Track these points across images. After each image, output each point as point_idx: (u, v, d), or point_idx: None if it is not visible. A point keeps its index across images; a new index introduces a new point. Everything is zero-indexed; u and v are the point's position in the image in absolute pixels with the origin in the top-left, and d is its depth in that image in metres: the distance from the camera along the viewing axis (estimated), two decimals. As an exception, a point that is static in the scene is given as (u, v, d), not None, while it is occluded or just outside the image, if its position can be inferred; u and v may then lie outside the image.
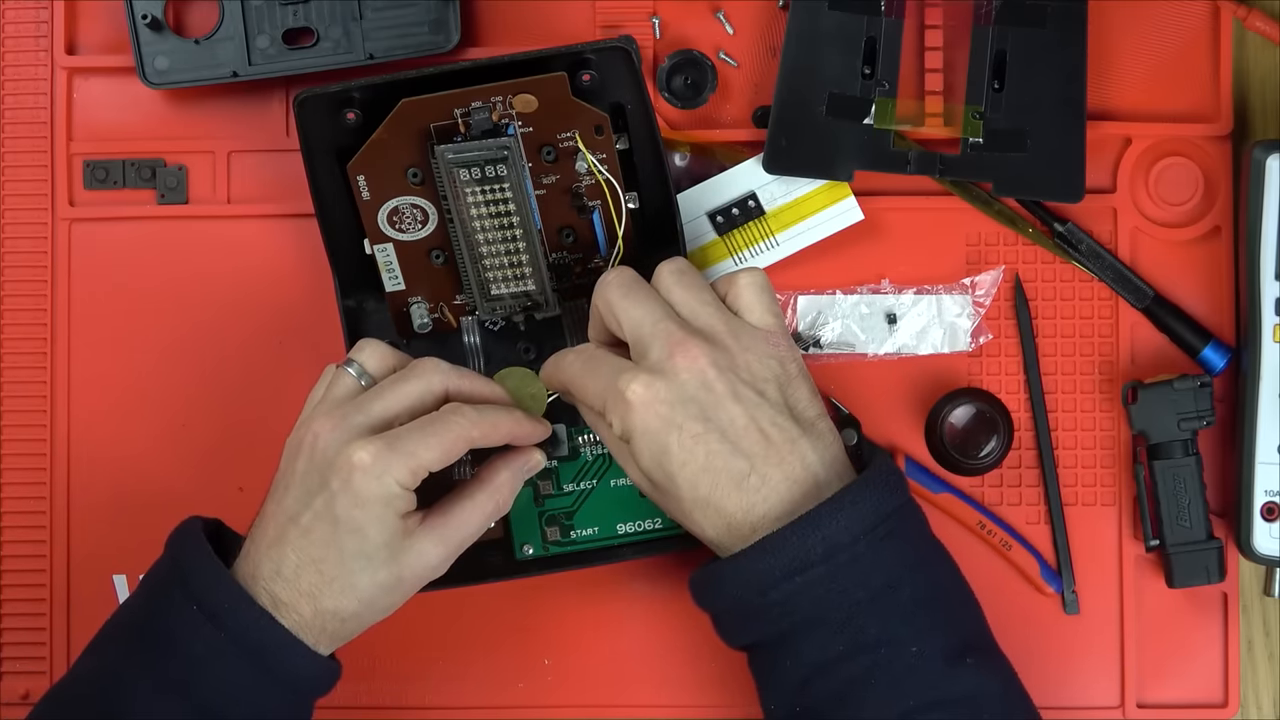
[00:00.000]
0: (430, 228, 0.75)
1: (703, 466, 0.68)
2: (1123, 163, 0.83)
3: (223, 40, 0.82)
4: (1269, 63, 0.85)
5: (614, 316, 0.71)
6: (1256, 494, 0.80)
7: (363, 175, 0.74)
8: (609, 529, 0.78)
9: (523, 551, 0.78)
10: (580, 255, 0.77)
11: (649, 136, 0.76)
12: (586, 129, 0.74)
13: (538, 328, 0.78)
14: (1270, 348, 0.80)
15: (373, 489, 0.67)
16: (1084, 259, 0.83)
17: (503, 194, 0.74)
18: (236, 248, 0.84)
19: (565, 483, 0.78)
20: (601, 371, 0.70)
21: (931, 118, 0.81)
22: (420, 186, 0.74)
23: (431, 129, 0.73)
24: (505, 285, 0.76)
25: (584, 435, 0.78)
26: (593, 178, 0.74)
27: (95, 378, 0.83)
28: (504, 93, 0.73)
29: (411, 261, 0.76)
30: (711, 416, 0.68)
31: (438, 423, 0.69)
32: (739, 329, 0.70)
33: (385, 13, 0.82)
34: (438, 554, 0.69)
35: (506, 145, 0.73)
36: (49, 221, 0.84)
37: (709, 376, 0.68)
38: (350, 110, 0.74)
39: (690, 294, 0.71)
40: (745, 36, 0.84)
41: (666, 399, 0.68)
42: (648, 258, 0.75)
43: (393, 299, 0.77)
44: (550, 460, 0.77)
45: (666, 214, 0.77)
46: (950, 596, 0.70)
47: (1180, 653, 0.83)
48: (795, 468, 0.68)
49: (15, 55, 0.84)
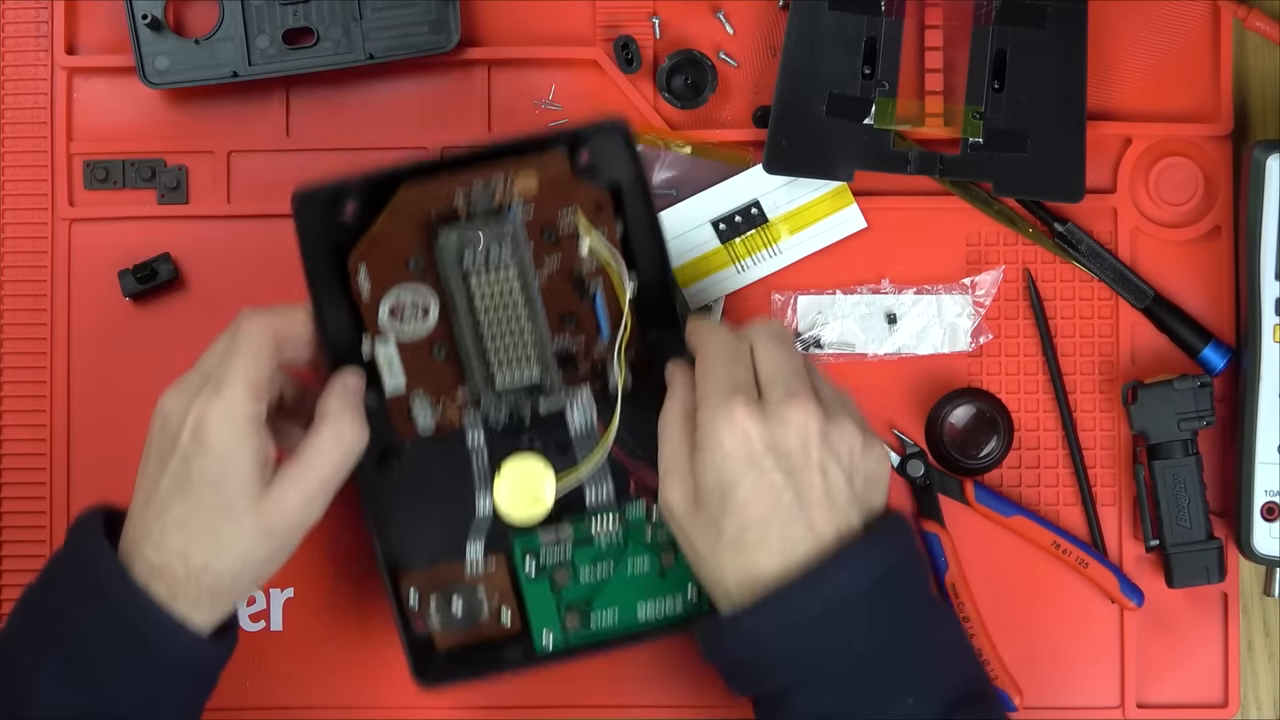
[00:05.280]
0: (431, 321, 0.73)
1: (762, 516, 0.68)
2: (1123, 163, 0.83)
3: (223, 40, 0.82)
4: (1269, 63, 0.85)
5: (757, 353, 0.71)
6: (1256, 494, 0.80)
7: (363, 266, 0.72)
8: (629, 612, 0.76)
9: (542, 642, 0.76)
10: (583, 339, 0.75)
11: (647, 216, 0.74)
12: (588, 206, 0.73)
13: (541, 420, 0.76)
14: (1270, 348, 0.80)
15: (217, 437, 0.68)
16: (1084, 259, 0.83)
17: (507, 279, 0.72)
18: (236, 248, 0.84)
19: (581, 565, 0.76)
20: (733, 370, 0.70)
21: (931, 118, 0.81)
22: (421, 277, 0.73)
23: (433, 215, 0.72)
24: (510, 373, 0.74)
25: (599, 516, 0.76)
26: (593, 260, 0.73)
27: (95, 378, 0.83)
28: (505, 171, 0.71)
29: (412, 357, 0.74)
30: (794, 474, 0.68)
31: (234, 340, 0.70)
32: (845, 412, 0.70)
33: (385, 13, 0.82)
34: (297, 497, 0.69)
35: (509, 228, 0.72)
36: (49, 221, 0.84)
37: (810, 438, 0.68)
38: (349, 201, 0.72)
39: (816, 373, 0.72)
40: (745, 36, 0.84)
41: (762, 437, 0.68)
42: (647, 338, 0.75)
43: (394, 404, 0.74)
44: (540, 534, 0.76)
45: (665, 295, 0.75)
46: (947, 652, 0.70)
47: (1180, 653, 0.83)
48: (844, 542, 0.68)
49: (15, 55, 0.84)
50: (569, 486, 0.75)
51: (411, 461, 0.76)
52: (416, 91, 0.84)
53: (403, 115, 0.84)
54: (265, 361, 0.70)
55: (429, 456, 0.76)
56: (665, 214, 0.82)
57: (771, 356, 0.71)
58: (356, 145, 0.84)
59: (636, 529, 0.76)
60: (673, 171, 0.83)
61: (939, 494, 0.83)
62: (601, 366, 0.75)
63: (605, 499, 0.76)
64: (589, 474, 0.75)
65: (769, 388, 0.70)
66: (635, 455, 0.76)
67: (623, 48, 0.83)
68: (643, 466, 0.76)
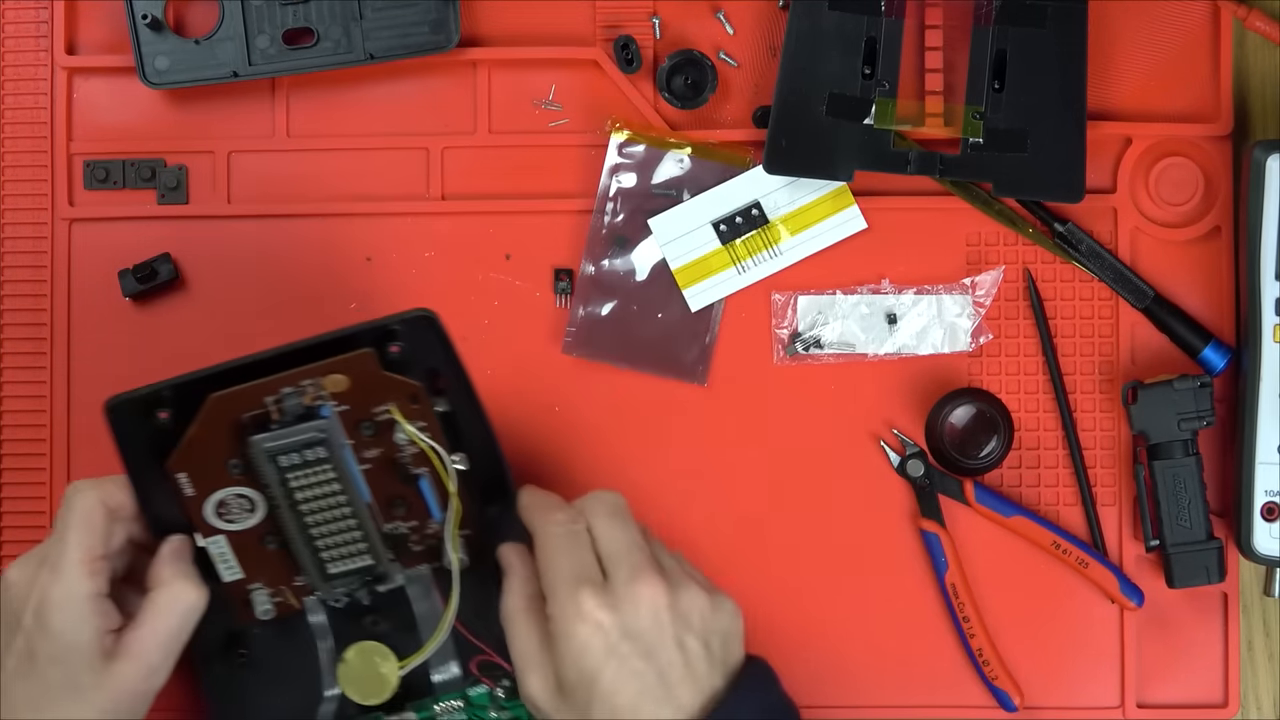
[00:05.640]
0: (259, 515, 0.73)
1: (630, 703, 0.68)
2: (1123, 163, 0.83)
3: (223, 40, 0.82)
4: (1269, 63, 0.85)
5: (595, 532, 0.71)
6: (1256, 494, 0.80)
7: (183, 473, 0.72)
8: None
9: None
10: (415, 522, 0.75)
11: (466, 397, 0.74)
12: (402, 400, 0.72)
13: (382, 599, 0.76)
14: (1270, 348, 0.80)
15: (57, 619, 0.69)
16: (1084, 259, 0.83)
17: (326, 475, 0.72)
18: (236, 248, 0.84)
19: None
20: (574, 556, 0.70)
21: (931, 118, 0.81)
22: (243, 476, 0.72)
23: (245, 419, 0.71)
24: (342, 563, 0.74)
25: (441, 704, 0.77)
26: (415, 446, 0.73)
27: (95, 378, 0.83)
28: (313, 375, 0.71)
29: (245, 549, 0.74)
30: (653, 655, 0.69)
31: (67, 517, 0.70)
32: (690, 579, 0.71)
33: (385, 13, 0.82)
34: (140, 668, 0.70)
35: (322, 428, 0.71)
36: (49, 221, 0.84)
37: (662, 613, 0.69)
38: (163, 410, 0.71)
39: (652, 539, 0.73)
40: (745, 36, 0.84)
41: (616, 625, 0.68)
42: (483, 513, 0.75)
43: (232, 589, 0.74)
44: None
45: (496, 468, 0.75)
46: None
47: (1180, 653, 0.83)
48: (709, 710, 0.69)
49: (15, 55, 0.84)
50: (413, 665, 0.76)
51: (257, 645, 0.77)
52: (416, 91, 0.84)
53: (403, 115, 0.84)
54: (99, 537, 0.70)
55: (273, 641, 0.77)
56: (666, 215, 0.83)
57: (610, 534, 0.71)
58: (357, 145, 0.84)
59: (480, 710, 0.77)
60: (673, 172, 0.83)
61: (939, 494, 0.83)
62: (439, 545, 0.75)
63: (450, 678, 0.77)
64: (432, 654, 0.76)
65: (612, 567, 0.70)
66: (478, 633, 0.76)
67: (623, 48, 0.83)
68: (488, 644, 0.76)
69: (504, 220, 0.84)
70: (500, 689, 0.77)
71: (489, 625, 0.75)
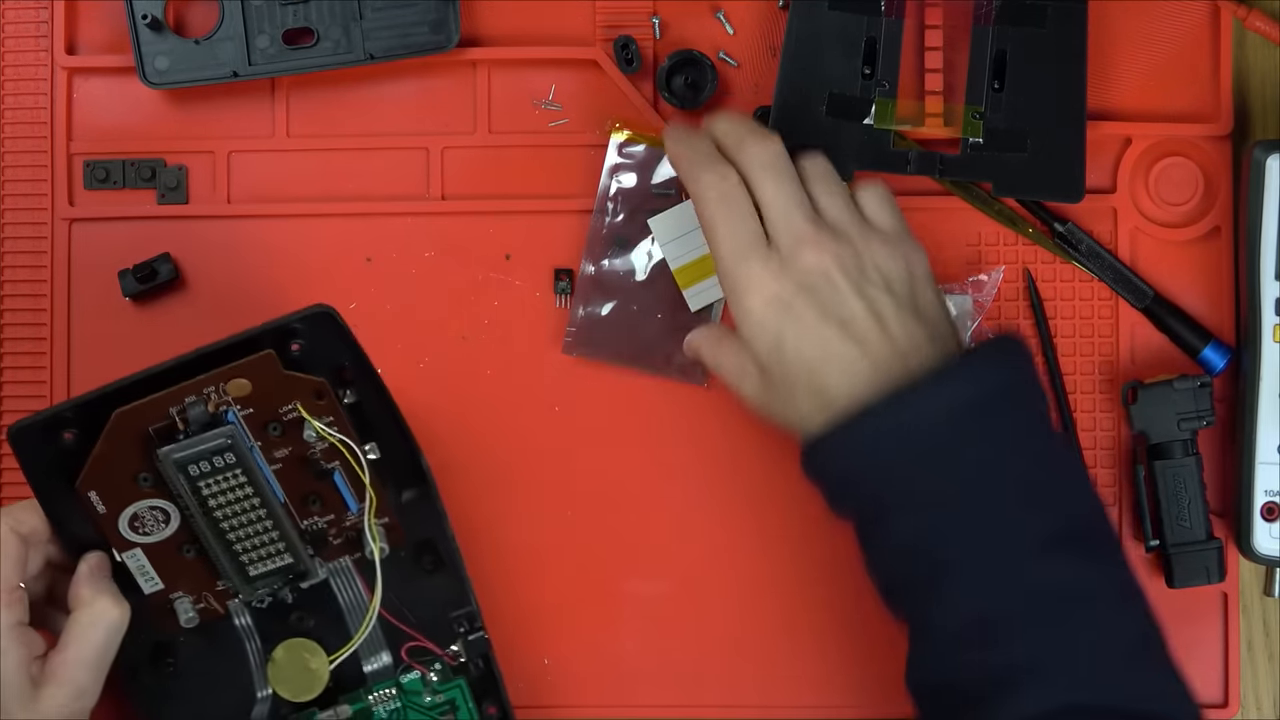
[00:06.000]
0: (174, 525, 0.73)
1: (818, 355, 0.69)
2: (1123, 163, 0.83)
3: (223, 40, 0.82)
4: (1269, 63, 0.85)
5: (755, 189, 0.72)
6: (1256, 494, 0.80)
7: (93, 491, 0.71)
8: None
9: None
10: (333, 516, 0.75)
11: (373, 386, 0.74)
12: (307, 397, 0.72)
13: (307, 595, 0.76)
14: (1270, 348, 0.80)
15: None
16: (1084, 259, 0.83)
17: (237, 479, 0.72)
18: (236, 248, 0.84)
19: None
20: (733, 223, 0.71)
21: (931, 118, 0.81)
22: (154, 488, 0.72)
23: (151, 432, 0.70)
24: (262, 565, 0.74)
25: (375, 693, 0.77)
26: (325, 442, 0.73)
27: (95, 378, 0.83)
28: (215, 382, 0.70)
29: (163, 560, 0.73)
30: (831, 309, 0.69)
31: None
32: (868, 231, 0.72)
33: (385, 13, 0.82)
34: (69, 691, 0.69)
35: (229, 434, 0.71)
36: (49, 221, 0.84)
37: (833, 273, 0.70)
38: (67, 430, 0.70)
39: (826, 188, 0.73)
40: (745, 36, 0.84)
41: (788, 288, 0.69)
42: (399, 499, 0.76)
43: (154, 600, 0.74)
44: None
45: (408, 453, 0.75)
46: (1053, 484, 0.69)
47: (1180, 653, 0.83)
48: (909, 358, 0.69)
49: (15, 55, 0.84)
50: (343, 657, 0.76)
51: (184, 654, 0.77)
52: (416, 91, 0.84)
53: (403, 115, 0.84)
54: (14, 566, 0.70)
55: (201, 647, 0.77)
56: (665, 215, 0.82)
57: (769, 193, 0.72)
58: (357, 145, 0.84)
59: (414, 695, 0.77)
60: (673, 172, 0.83)
61: (939, 494, 0.83)
62: (359, 536, 0.75)
63: (381, 667, 0.77)
64: (360, 644, 0.76)
65: (775, 233, 0.71)
66: (405, 620, 0.76)
67: (623, 48, 0.83)
68: (415, 629, 0.76)
69: (504, 220, 0.84)
70: (433, 673, 0.77)
71: (417, 611, 0.76)
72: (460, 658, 0.77)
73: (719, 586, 0.83)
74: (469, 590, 0.77)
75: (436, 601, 0.77)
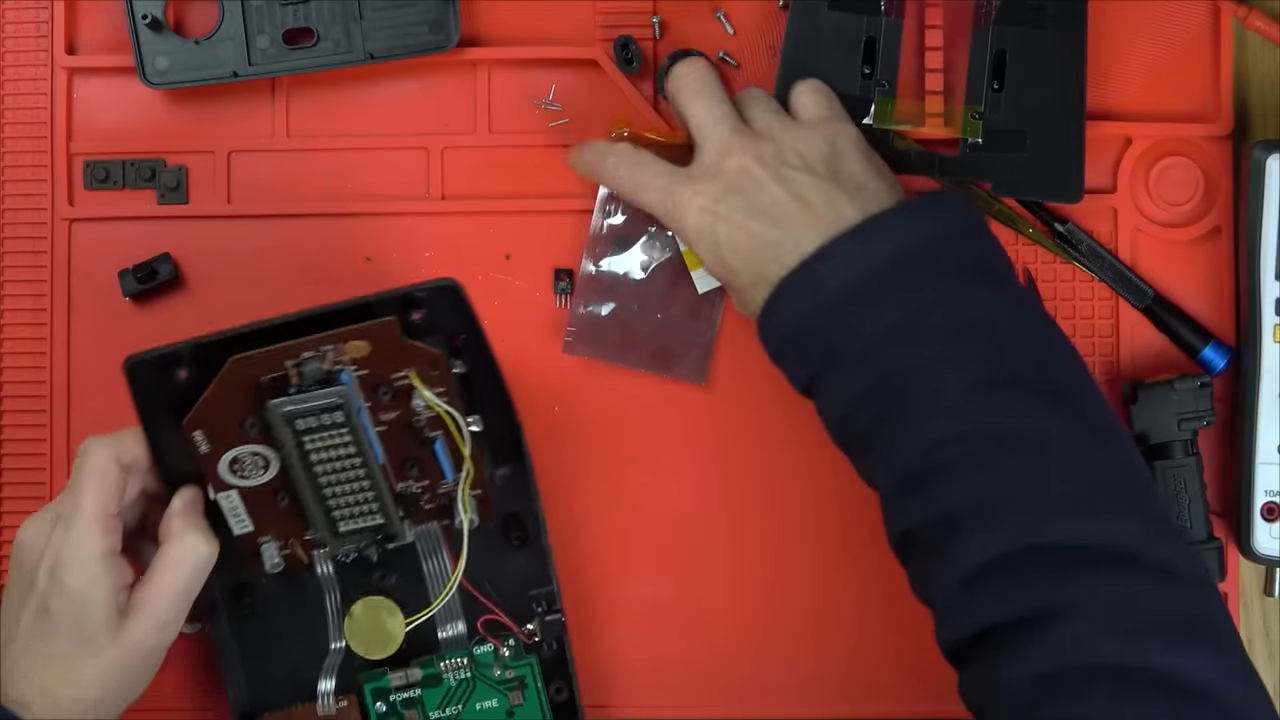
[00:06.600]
0: (272, 472, 0.73)
1: (751, 248, 0.71)
2: (1123, 163, 0.83)
3: (223, 40, 0.82)
4: (1269, 63, 0.85)
5: (679, 111, 0.77)
6: (1256, 494, 0.80)
7: (199, 431, 0.72)
8: None
9: None
10: (427, 482, 0.76)
11: (486, 363, 0.75)
12: (422, 367, 0.73)
13: (391, 555, 0.77)
14: (1270, 348, 0.80)
15: (71, 578, 0.69)
16: (1084, 259, 0.83)
17: (341, 438, 0.73)
18: (236, 248, 0.84)
19: (431, 710, 0.78)
20: (651, 182, 0.75)
21: (931, 118, 0.81)
22: (258, 436, 0.73)
23: (263, 382, 0.72)
24: (353, 522, 0.75)
25: (446, 660, 0.78)
26: (432, 411, 0.73)
27: (95, 378, 0.83)
28: (334, 341, 0.71)
29: (257, 505, 0.74)
30: (754, 201, 0.72)
31: (80, 473, 0.70)
32: (790, 124, 0.75)
33: (385, 13, 0.82)
34: (152, 624, 0.70)
35: (341, 394, 0.72)
36: (49, 221, 0.84)
37: (752, 169, 0.72)
38: (182, 368, 0.72)
39: (757, 104, 0.76)
40: (745, 36, 0.84)
41: (712, 196, 0.73)
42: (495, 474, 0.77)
43: (242, 541, 0.75)
44: None
45: (510, 430, 0.77)
46: (988, 333, 0.68)
47: (1180, 653, 0.83)
48: (831, 224, 0.70)
49: (15, 55, 0.84)
50: (420, 621, 0.77)
51: (264, 597, 0.78)
52: (416, 91, 0.84)
53: (403, 115, 0.84)
54: (112, 492, 0.71)
55: (281, 593, 0.78)
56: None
57: (692, 112, 0.76)
58: (357, 145, 0.84)
59: (485, 668, 0.78)
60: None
61: (939, 494, 0.83)
62: (450, 505, 0.76)
63: (455, 635, 0.78)
64: (438, 611, 0.77)
65: (702, 151, 0.75)
66: (486, 593, 0.77)
67: (623, 48, 0.83)
68: (495, 603, 0.77)
69: (504, 220, 0.84)
70: (506, 648, 0.77)
71: (497, 585, 0.77)
72: (535, 637, 0.78)
73: (719, 587, 0.83)
74: (551, 570, 0.78)
75: (517, 578, 0.78)
